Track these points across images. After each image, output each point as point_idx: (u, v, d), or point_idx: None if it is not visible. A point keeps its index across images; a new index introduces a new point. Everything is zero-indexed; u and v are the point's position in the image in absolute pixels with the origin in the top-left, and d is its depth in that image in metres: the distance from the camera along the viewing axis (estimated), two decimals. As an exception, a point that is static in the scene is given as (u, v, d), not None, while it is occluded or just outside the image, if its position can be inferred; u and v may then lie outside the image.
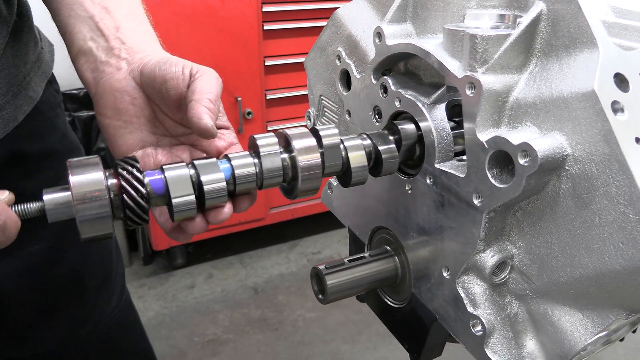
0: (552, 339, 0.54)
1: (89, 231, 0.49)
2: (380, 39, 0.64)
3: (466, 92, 0.52)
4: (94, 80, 0.69)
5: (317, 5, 2.48)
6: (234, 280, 2.80)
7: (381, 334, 2.40)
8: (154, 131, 0.68)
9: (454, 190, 0.57)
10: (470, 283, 0.59)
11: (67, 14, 0.71)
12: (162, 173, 0.54)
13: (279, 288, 2.73)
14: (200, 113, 0.59)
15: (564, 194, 0.48)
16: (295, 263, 2.95)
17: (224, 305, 2.60)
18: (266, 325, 2.48)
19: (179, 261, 2.88)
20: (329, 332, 2.43)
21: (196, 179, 0.55)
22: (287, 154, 0.58)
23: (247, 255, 3.00)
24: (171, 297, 2.66)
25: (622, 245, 0.44)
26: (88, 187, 0.49)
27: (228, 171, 0.56)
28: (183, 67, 0.63)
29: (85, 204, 0.48)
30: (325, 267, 0.68)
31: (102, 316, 0.94)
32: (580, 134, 0.46)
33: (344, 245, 3.11)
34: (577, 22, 0.47)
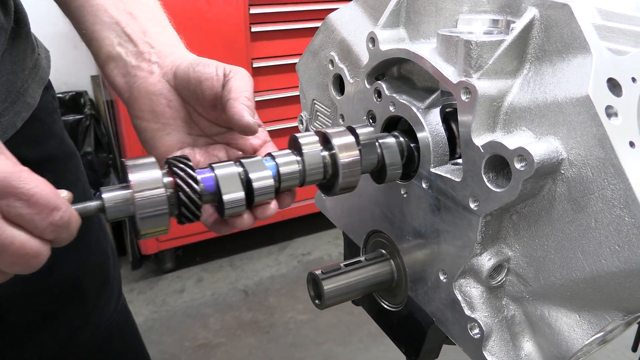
0: (549, 341, 0.55)
1: (147, 227, 0.51)
2: (374, 43, 0.64)
3: (461, 98, 0.52)
4: (126, 84, 0.70)
5: (304, 7, 2.48)
6: (224, 283, 2.79)
7: (373, 335, 2.41)
8: (190, 132, 0.70)
9: (450, 194, 0.57)
10: (467, 286, 0.59)
11: (92, 21, 0.71)
12: (212, 171, 0.56)
13: (269, 290, 2.73)
14: (241, 111, 0.61)
15: (559, 197, 0.49)
16: (286, 265, 2.94)
17: (215, 309, 2.59)
18: (257, 328, 2.47)
19: (168, 265, 2.86)
20: (320, 334, 2.43)
21: (244, 177, 0.57)
22: (327, 152, 0.60)
23: (237, 258, 2.99)
24: (161, 301, 2.64)
25: (618, 247, 0.45)
26: (148, 185, 0.51)
27: (274, 169, 0.58)
28: (216, 67, 0.64)
29: (145, 202, 0.50)
30: (321, 272, 0.68)
31: (101, 320, 0.94)
32: (575, 138, 0.46)
33: (334, 246, 3.11)
34: (570, 27, 0.48)
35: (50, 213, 0.47)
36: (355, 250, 0.79)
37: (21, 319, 0.83)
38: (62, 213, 0.48)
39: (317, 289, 0.69)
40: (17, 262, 0.47)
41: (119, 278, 1.02)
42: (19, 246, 0.46)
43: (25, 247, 0.47)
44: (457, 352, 0.62)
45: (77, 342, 0.90)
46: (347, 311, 2.53)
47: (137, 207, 0.50)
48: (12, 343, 0.83)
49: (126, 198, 0.51)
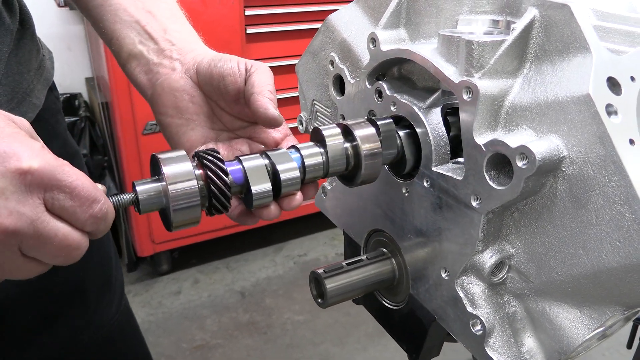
0: (550, 336, 0.56)
1: (180, 219, 0.53)
2: (375, 44, 0.65)
3: (463, 97, 0.53)
4: (148, 82, 0.71)
5: (300, 9, 2.49)
6: (220, 284, 2.78)
7: (370, 335, 2.41)
8: (213, 127, 0.71)
9: (451, 192, 0.58)
10: (469, 283, 0.60)
11: (111, 20, 0.72)
12: (240, 163, 0.57)
13: (266, 291, 2.73)
14: (265, 104, 0.62)
15: (560, 194, 0.50)
16: (282, 266, 2.94)
17: (212, 310, 2.59)
18: (255, 329, 2.47)
19: (164, 267, 2.86)
20: (317, 335, 2.44)
21: (271, 169, 0.58)
22: (349, 143, 0.61)
23: (233, 260, 2.99)
24: (157, 303, 2.63)
25: (619, 243, 0.45)
26: (181, 177, 0.52)
27: (299, 160, 0.60)
28: (238, 62, 0.66)
29: (179, 194, 0.52)
30: (324, 271, 0.69)
31: (103, 321, 0.94)
32: (576, 136, 0.47)
33: (330, 247, 3.12)
34: (570, 27, 0.49)
35: (91, 205, 0.48)
36: (355, 249, 0.80)
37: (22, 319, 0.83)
38: (101, 205, 0.49)
39: (320, 288, 0.69)
40: (60, 254, 0.48)
41: (121, 279, 1.02)
42: (62, 238, 0.47)
43: (68, 238, 0.48)
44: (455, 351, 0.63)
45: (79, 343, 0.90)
46: (343, 312, 2.54)
47: (171, 199, 0.51)
48: (13, 344, 0.83)
49: (159, 190, 0.52)
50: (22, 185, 0.45)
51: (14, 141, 0.45)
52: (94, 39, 2.60)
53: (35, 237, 0.46)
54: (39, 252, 0.48)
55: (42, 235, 0.46)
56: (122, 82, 2.24)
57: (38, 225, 0.46)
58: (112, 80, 2.26)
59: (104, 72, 2.40)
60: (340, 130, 0.62)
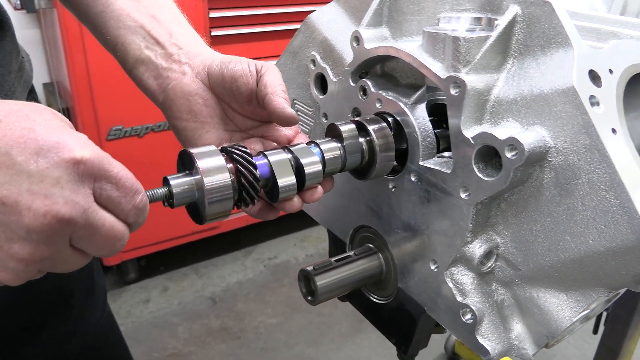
0: (538, 321, 0.58)
1: (214, 211, 0.55)
2: (359, 42, 0.66)
3: (451, 92, 0.54)
4: (159, 87, 0.71)
5: (265, 11, 2.48)
6: (190, 291, 2.74)
7: (344, 335, 2.43)
8: (226, 128, 0.71)
9: (440, 186, 0.60)
10: (458, 274, 0.61)
11: (115, 26, 0.71)
12: (265, 158, 0.59)
13: (237, 296, 2.70)
14: (281, 104, 0.63)
15: (547, 183, 0.52)
16: (252, 270, 2.92)
17: (183, 318, 2.54)
18: (228, 334, 2.45)
19: (131, 276, 2.79)
20: (291, 337, 2.43)
21: (295, 163, 0.60)
22: (364, 138, 0.63)
23: (202, 265, 2.95)
24: (125, 313, 2.57)
25: (605, 227, 0.48)
26: (215, 171, 0.54)
27: (319, 155, 0.62)
28: (248, 64, 0.66)
29: (214, 187, 0.53)
30: (313, 268, 0.69)
31: (87, 329, 0.92)
32: (562, 127, 0.49)
33: (299, 248, 3.12)
34: (552, 23, 0.51)
35: (134, 196, 0.49)
36: (340, 246, 0.81)
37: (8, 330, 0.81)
38: (142, 196, 0.50)
39: (309, 286, 0.70)
40: (106, 244, 0.49)
41: (104, 285, 1.01)
42: (109, 228, 0.48)
43: (114, 229, 0.49)
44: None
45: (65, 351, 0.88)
46: (316, 312, 2.54)
47: (207, 192, 0.53)
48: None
49: (192, 184, 0.54)
50: (75, 174, 0.45)
51: (64, 132, 0.46)
52: (51, 44, 2.53)
53: (86, 227, 0.47)
54: (88, 242, 0.48)
55: (92, 225, 0.47)
56: (83, 87, 2.18)
57: (89, 215, 0.46)
58: (73, 86, 2.20)
59: (63, 77, 2.33)
60: (355, 126, 0.64)
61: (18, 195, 0.43)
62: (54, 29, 2.26)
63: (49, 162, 0.44)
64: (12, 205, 0.43)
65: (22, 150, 0.44)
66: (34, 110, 0.46)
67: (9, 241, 0.45)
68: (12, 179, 0.43)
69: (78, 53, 2.13)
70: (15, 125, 0.44)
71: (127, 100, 2.25)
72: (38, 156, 0.44)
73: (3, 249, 0.45)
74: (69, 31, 2.10)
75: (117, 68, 0.75)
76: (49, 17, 2.36)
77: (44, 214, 0.44)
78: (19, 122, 0.45)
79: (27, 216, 0.44)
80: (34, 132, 0.45)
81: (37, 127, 0.45)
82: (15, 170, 0.43)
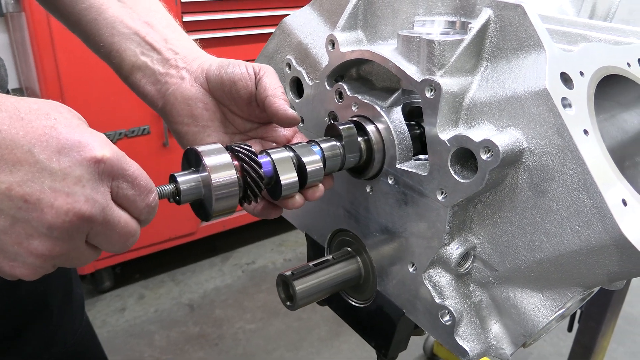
0: (515, 321, 0.58)
1: (221, 207, 0.56)
2: (334, 46, 0.66)
3: (426, 95, 0.55)
4: (157, 93, 0.71)
5: (239, 15, 2.47)
6: (167, 298, 2.70)
7: (323, 339, 2.42)
8: (226, 131, 0.72)
9: (417, 188, 0.60)
10: (436, 275, 0.62)
11: (108, 33, 0.71)
12: (268, 156, 0.60)
13: (215, 302, 2.67)
14: (283, 105, 0.64)
15: (522, 184, 0.52)
16: (230, 275, 2.90)
17: (159, 326, 2.50)
18: (206, 341, 2.42)
19: (106, 284, 2.74)
20: (270, 342, 2.42)
21: (297, 161, 0.61)
22: (362, 138, 0.64)
23: (179, 272, 2.91)
24: (101, 322, 2.52)
25: (579, 227, 0.48)
26: (222, 168, 0.55)
27: (320, 153, 0.63)
28: (246, 67, 0.66)
29: (221, 183, 0.55)
30: (292, 273, 0.69)
31: (66, 337, 0.90)
32: (535, 129, 0.50)
33: (277, 253, 3.10)
34: (524, 26, 0.52)
35: (147, 195, 0.51)
36: (319, 250, 0.80)
37: None
38: (155, 195, 0.52)
39: (288, 291, 0.69)
40: (120, 241, 0.51)
41: (81, 293, 1.00)
42: (124, 225, 0.50)
43: (128, 226, 0.50)
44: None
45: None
46: (295, 317, 2.53)
47: (214, 189, 0.54)
48: None
49: (199, 181, 0.55)
50: (96, 173, 0.47)
51: (84, 131, 0.47)
52: (20, 48, 2.47)
53: (103, 224, 0.48)
54: (103, 238, 0.50)
55: (109, 222, 0.48)
56: (54, 93, 2.14)
57: (107, 212, 0.48)
58: (43, 91, 2.15)
59: (33, 82, 2.28)
60: (354, 125, 0.65)
61: (40, 192, 0.44)
62: (22, 33, 2.21)
63: (71, 160, 0.45)
64: (35, 202, 0.44)
65: (45, 148, 0.45)
66: (53, 109, 0.47)
67: (28, 237, 0.46)
68: (34, 177, 0.44)
69: (48, 57, 2.09)
70: (37, 124, 0.45)
71: (99, 106, 2.21)
72: (60, 154, 0.45)
73: (22, 245, 0.46)
74: (38, 35, 2.05)
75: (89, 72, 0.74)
76: (17, 21, 2.30)
77: (66, 212, 0.45)
78: (40, 121, 0.45)
79: (49, 213, 0.45)
80: (55, 131, 0.45)
81: (59, 126, 0.46)
82: (37, 168, 0.44)
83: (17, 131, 0.44)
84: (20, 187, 0.44)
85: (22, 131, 0.44)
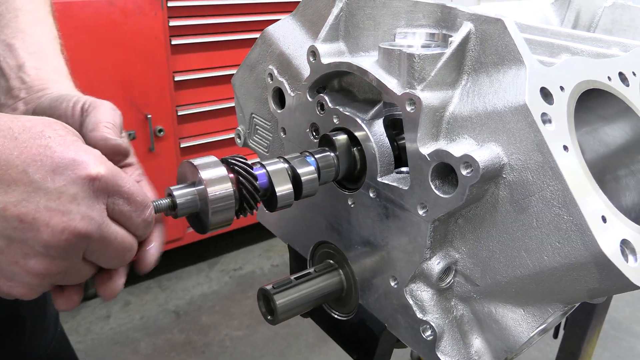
0: (497, 336, 0.58)
1: (217, 220, 0.56)
2: (315, 57, 0.65)
3: (406, 109, 0.54)
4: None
5: (225, 20, 2.45)
6: (153, 305, 2.67)
7: (310, 345, 2.41)
8: None
9: (398, 202, 0.59)
10: (417, 290, 0.61)
11: None
12: (263, 168, 0.60)
13: (202, 309, 2.65)
14: (103, 134, 0.56)
15: (502, 200, 0.52)
16: (217, 281, 2.87)
17: (145, 333, 2.47)
18: (192, 349, 2.39)
19: (90, 291, 2.70)
20: (257, 349, 2.40)
21: (291, 172, 0.62)
22: (356, 147, 0.64)
23: (165, 278, 2.88)
24: (85, 330, 2.48)
25: (559, 244, 0.48)
26: (218, 181, 0.55)
27: (314, 164, 0.63)
28: (75, 102, 0.60)
29: (217, 196, 0.55)
30: (272, 287, 0.68)
31: (39, 350, 0.89)
32: (515, 144, 0.49)
33: (265, 258, 3.09)
34: (504, 41, 0.51)
35: (144, 210, 0.51)
36: (302, 262, 0.79)
37: None
38: (151, 210, 0.52)
39: (269, 305, 0.68)
40: (117, 256, 0.51)
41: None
42: (120, 241, 0.50)
43: (125, 241, 0.51)
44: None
45: None
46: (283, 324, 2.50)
47: (210, 202, 0.54)
48: None
49: (195, 194, 0.55)
50: (91, 191, 0.47)
51: (79, 149, 0.47)
52: None
53: (100, 240, 0.48)
54: (101, 255, 0.50)
55: (106, 239, 0.49)
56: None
57: (103, 229, 0.48)
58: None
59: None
60: (346, 136, 0.64)
61: (36, 212, 0.45)
62: None
63: (65, 179, 0.46)
64: (30, 222, 0.45)
65: (39, 168, 0.45)
66: (47, 126, 0.47)
67: (25, 257, 0.46)
68: (29, 197, 0.44)
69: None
70: (31, 143, 0.45)
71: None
72: (55, 174, 0.45)
73: (19, 265, 0.46)
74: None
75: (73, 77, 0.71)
76: None
77: (62, 230, 0.45)
78: (34, 140, 0.46)
79: (45, 232, 0.45)
80: (50, 150, 0.46)
81: (53, 144, 0.46)
82: (32, 187, 0.45)
83: (11, 151, 0.44)
84: (16, 207, 0.44)
85: (16, 151, 0.44)
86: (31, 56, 0.69)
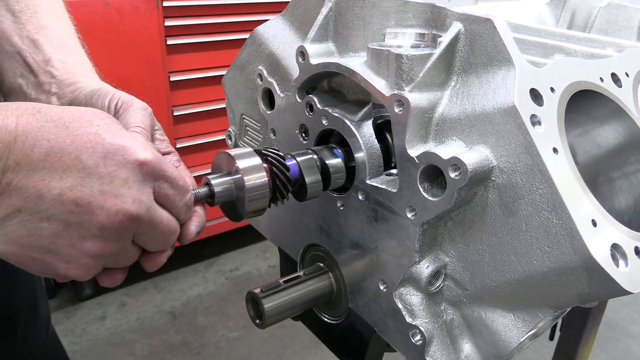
0: (487, 341, 0.57)
1: (253, 208, 0.58)
2: (304, 57, 0.64)
3: (395, 110, 0.53)
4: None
5: (221, 20, 2.44)
6: (149, 306, 2.66)
7: (306, 347, 2.40)
8: None
9: (387, 205, 0.58)
10: (407, 294, 0.60)
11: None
12: (294, 159, 0.62)
13: (198, 310, 2.64)
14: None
15: (491, 203, 0.51)
16: (214, 282, 2.86)
17: (141, 334, 2.46)
18: (188, 350, 2.38)
19: (86, 292, 2.69)
20: (253, 350, 2.39)
21: (320, 164, 0.63)
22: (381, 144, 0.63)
23: (161, 279, 2.87)
24: (81, 330, 2.47)
25: (548, 248, 0.47)
26: (254, 170, 0.57)
27: (341, 156, 0.64)
28: (110, 100, 0.62)
29: (254, 185, 0.57)
30: (261, 290, 0.67)
31: (31, 352, 0.88)
32: (504, 147, 0.48)
33: (262, 259, 3.08)
34: (494, 41, 0.50)
35: (185, 194, 0.54)
36: (292, 265, 0.79)
37: None
38: (191, 195, 0.55)
39: (257, 309, 0.67)
40: (162, 239, 0.53)
41: (47, 306, 0.98)
42: (166, 223, 0.52)
43: (170, 224, 0.53)
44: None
45: None
46: (278, 325, 2.49)
47: (247, 190, 0.56)
48: None
49: (231, 183, 0.57)
50: (140, 174, 0.49)
51: (125, 136, 0.49)
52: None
53: (149, 223, 0.51)
54: (148, 237, 0.52)
55: (154, 221, 0.51)
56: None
57: (152, 212, 0.50)
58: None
59: None
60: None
61: (90, 196, 0.47)
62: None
63: (116, 164, 0.48)
64: (86, 205, 0.47)
65: (91, 154, 0.47)
66: (95, 116, 0.50)
67: (81, 239, 0.48)
68: (83, 182, 0.47)
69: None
70: (82, 131, 0.47)
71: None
72: (106, 159, 0.47)
73: (76, 247, 0.48)
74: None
75: None
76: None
77: (116, 212, 0.48)
78: (85, 128, 0.48)
79: (100, 215, 0.47)
80: (99, 137, 0.48)
81: (102, 132, 0.48)
82: (85, 173, 0.47)
83: (64, 140, 0.46)
84: (71, 191, 0.46)
85: (68, 139, 0.46)
86: (56, 50, 0.70)
